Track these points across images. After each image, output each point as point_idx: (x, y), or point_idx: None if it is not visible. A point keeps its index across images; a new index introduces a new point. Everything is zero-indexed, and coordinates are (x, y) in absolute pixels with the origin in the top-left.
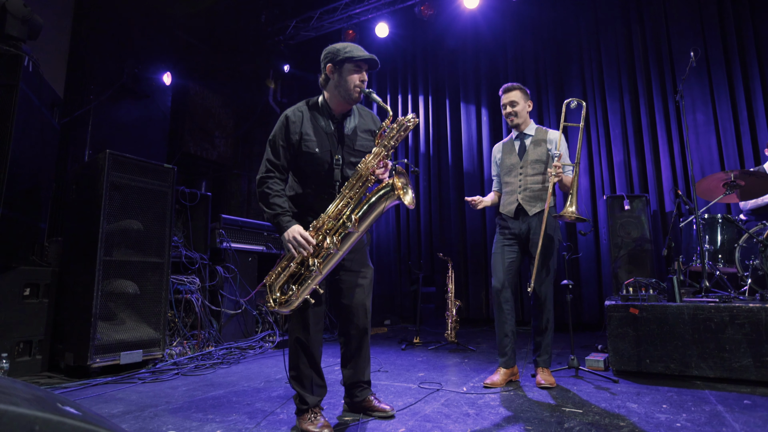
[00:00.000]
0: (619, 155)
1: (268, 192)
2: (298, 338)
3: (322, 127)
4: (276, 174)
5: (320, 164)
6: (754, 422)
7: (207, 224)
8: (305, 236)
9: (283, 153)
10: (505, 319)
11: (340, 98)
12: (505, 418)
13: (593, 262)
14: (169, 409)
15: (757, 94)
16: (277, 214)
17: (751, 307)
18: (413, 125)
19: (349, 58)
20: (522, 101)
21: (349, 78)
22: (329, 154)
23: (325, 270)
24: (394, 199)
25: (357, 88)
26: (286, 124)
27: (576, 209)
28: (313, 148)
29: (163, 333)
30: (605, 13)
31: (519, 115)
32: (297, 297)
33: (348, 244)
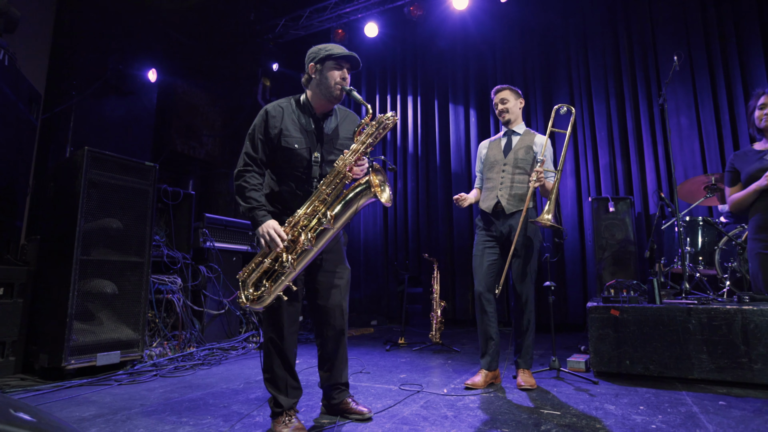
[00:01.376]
0: (605, 157)
1: (245, 185)
2: (272, 339)
3: (303, 124)
4: (254, 168)
5: (299, 161)
6: (728, 423)
7: (190, 223)
8: (279, 231)
9: (261, 147)
10: (487, 321)
11: (322, 96)
12: (483, 420)
13: (578, 264)
14: (142, 411)
15: (739, 98)
16: (253, 207)
17: (728, 308)
18: (393, 123)
19: (329, 56)
20: (513, 99)
21: (330, 75)
22: (308, 151)
23: (299, 267)
24: (371, 196)
25: (338, 85)
26: (266, 118)
27: (552, 216)
28: (293, 143)
29: (143, 333)
30: (593, 17)
31: (510, 111)
32: (270, 294)
33: (323, 240)
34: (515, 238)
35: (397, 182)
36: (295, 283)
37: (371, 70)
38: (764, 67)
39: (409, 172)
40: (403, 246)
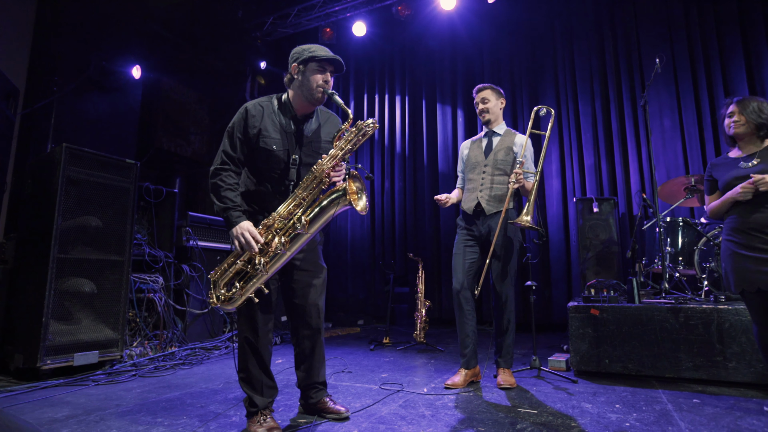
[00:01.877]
0: (590, 158)
1: (221, 184)
2: (247, 338)
3: (282, 125)
4: (230, 167)
5: (276, 162)
6: (699, 420)
7: (173, 222)
8: (253, 234)
9: (240, 146)
10: (465, 320)
11: (303, 98)
12: (460, 419)
13: (563, 264)
14: (117, 412)
15: (720, 101)
16: (227, 207)
17: (704, 308)
18: (373, 130)
19: (313, 58)
20: (494, 99)
21: (312, 78)
22: (286, 153)
23: (272, 270)
24: (346, 204)
25: (320, 88)
26: (245, 117)
27: (531, 218)
28: (271, 145)
29: (122, 333)
30: (578, 19)
31: (491, 111)
32: (241, 295)
33: (297, 245)
34: (494, 239)
35: (385, 182)
36: (267, 286)
37: (359, 69)
38: (744, 72)
39: (397, 171)
40: (390, 245)
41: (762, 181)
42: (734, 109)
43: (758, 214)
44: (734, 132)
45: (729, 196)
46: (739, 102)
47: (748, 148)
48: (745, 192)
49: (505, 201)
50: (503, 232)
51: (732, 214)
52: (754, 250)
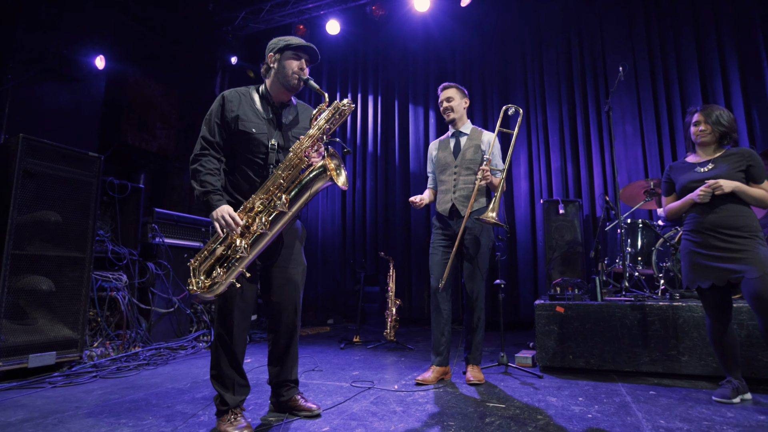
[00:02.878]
0: (556, 161)
1: (200, 169)
2: (221, 336)
3: (260, 111)
4: (210, 152)
5: (256, 146)
6: (655, 411)
7: (138, 218)
8: (234, 216)
9: (218, 131)
10: (442, 319)
11: (280, 85)
12: (431, 414)
13: (530, 263)
14: (77, 414)
15: (677, 109)
16: (208, 191)
17: (661, 305)
18: (349, 110)
19: (288, 46)
20: (458, 98)
21: (287, 64)
22: (266, 137)
23: (254, 252)
24: (327, 180)
25: (295, 74)
26: (223, 103)
27: (496, 214)
28: (250, 128)
29: (82, 333)
30: (547, 26)
31: (455, 110)
32: (223, 281)
33: (279, 225)
34: (459, 235)
35: (356, 181)
36: (248, 270)
37: (332, 67)
38: (699, 83)
39: (368, 171)
40: (361, 244)
41: (717, 186)
42: (700, 118)
43: (713, 215)
44: (701, 141)
45: (688, 199)
46: (703, 111)
47: (706, 154)
48: (704, 195)
49: (471, 198)
50: (473, 230)
51: (690, 216)
52: (709, 248)
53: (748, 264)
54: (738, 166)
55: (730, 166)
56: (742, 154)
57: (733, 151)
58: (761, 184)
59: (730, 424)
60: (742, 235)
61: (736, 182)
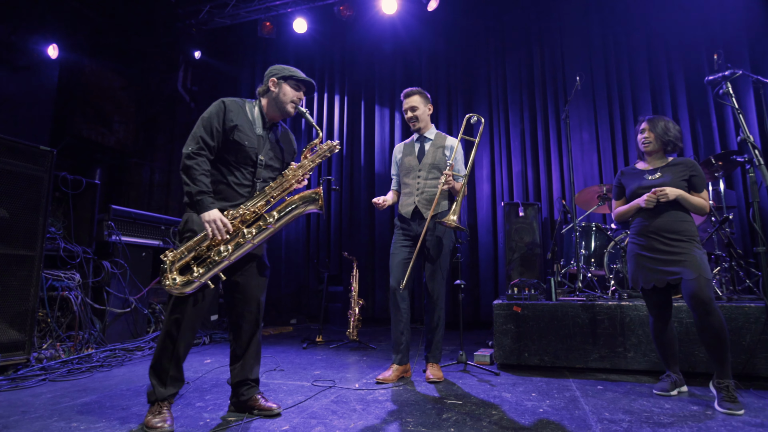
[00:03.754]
0: (517, 165)
1: (196, 168)
2: (170, 330)
3: (254, 126)
4: (206, 153)
5: (245, 158)
6: (601, 404)
7: (93, 215)
8: (225, 222)
9: (216, 135)
10: (400, 318)
11: (276, 109)
12: (390, 411)
13: (491, 264)
14: (24, 419)
15: (629, 119)
16: (202, 191)
17: (610, 305)
18: (337, 150)
19: (292, 77)
20: (422, 105)
21: (288, 92)
22: (254, 153)
23: (234, 257)
24: (316, 207)
25: (293, 103)
26: (225, 110)
27: (457, 218)
28: (244, 140)
29: (30, 334)
30: (511, 34)
31: (420, 119)
32: (200, 280)
33: (261, 237)
34: (422, 235)
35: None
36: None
37: (299, 66)
38: (649, 95)
39: (334, 171)
40: (325, 244)
41: (662, 193)
42: (645, 126)
43: (657, 220)
44: (645, 149)
45: (635, 203)
46: (650, 120)
47: (654, 162)
48: (650, 201)
49: (434, 202)
50: (435, 232)
51: (636, 220)
52: (653, 251)
53: (686, 267)
54: (682, 176)
55: (675, 176)
56: (686, 165)
57: (679, 161)
58: (701, 193)
59: (667, 414)
60: (681, 239)
61: (680, 190)
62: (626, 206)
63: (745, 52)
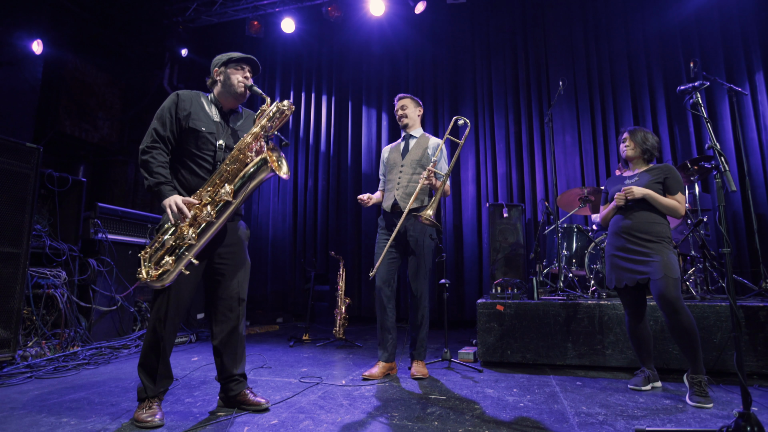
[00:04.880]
0: (502, 167)
1: (152, 161)
2: (155, 328)
3: (210, 113)
4: (160, 145)
5: (204, 144)
6: (579, 399)
7: (79, 213)
8: (186, 202)
9: (170, 125)
10: (386, 315)
11: (227, 94)
12: (376, 406)
13: (476, 264)
14: (13, 415)
15: (610, 123)
16: (160, 182)
17: (590, 304)
18: (290, 111)
19: (230, 59)
20: (412, 107)
21: (232, 75)
22: (214, 137)
23: (202, 240)
24: (269, 171)
25: (241, 83)
26: (177, 101)
27: (432, 213)
28: (200, 126)
29: (16, 332)
30: (497, 37)
31: (409, 116)
32: (173, 269)
33: (225, 214)
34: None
35: (308, 180)
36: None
37: (287, 66)
38: (630, 100)
39: (321, 170)
40: (312, 243)
41: (629, 191)
42: (626, 136)
43: (630, 221)
44: (626, 154)
45: (612, 205)
46: (630, 131)
47: (635, 168)
48: (619, 198)
49: (413, 196)
50: (418, 232)
51: (612, 220)
52: (624, 250)
53: (654, 267)
54: (657, 178)
55: (651, 178)
56: (662, 168)
57: (656, 166)
58: (675, 195)
59: (640, 408)
60: (651, 239)
61: (648, 190)
62: (607, 209)
63: (721, 59)
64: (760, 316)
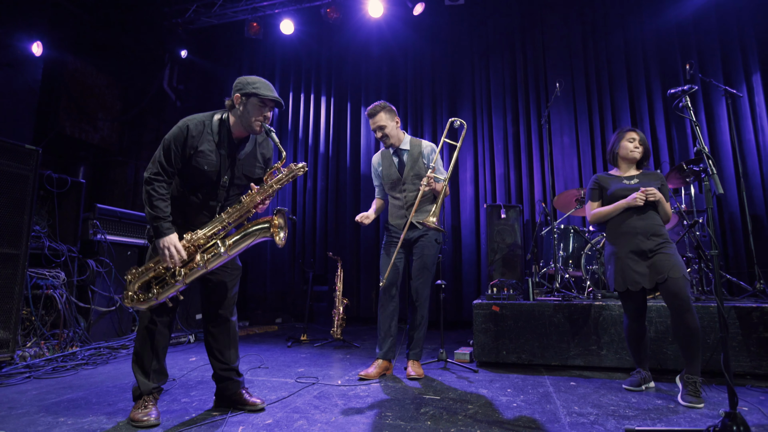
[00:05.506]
0: (500, 168)
1: (153, 194)
2: (148, 326)
3: (219, 146)
4: (163, 177)
5: (207, 181)
6: (572, 399)
7: (78, 214)
8: (179, 249)
9: (174, 159)
10: (389, 316)
11: (242, 126)
12: (370, 405)
13: (474, 265)
14: (11, 415)
15: (608, 124)
16: (158, 217)
17: (585, 304)
18: (302, 173)
19: (255, 94)
20: (389, 121)
21: (253, 111)
22: (217, 174)
23: (188, 281)
24: (268, 235)
25: (258, 122)
26: (186, 135)
27: (437, 220)
28: (203, 165)
29: (15, 333)
30: (495, 38)
31: (390, 135)
32: (156, 299)
33: (215, 263)
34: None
35: (307, 181)
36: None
37: (286, 67)
38: (628, 101)
39: (320, 171)
40: (311, 244)
41: (652, 193)
42: (637, 137)
43: (643, 222)
44: (633, 156)
45: (621, 203)
46: (639, 132)
47: (628, 170)
48: (640, 199)
49: (415, 203)
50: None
51: (615, 221)
52: (639, 253)
53: (671, 267)
54: (656, 184)
55: (654, 183)
56: (657, 176)
57: (650, 172)
58: (667, 202)
59: (632, 408)
60: (663, 240)
61: (662, 195)
62: (610, 207)
63: (719, 61)
64: (753, 317)
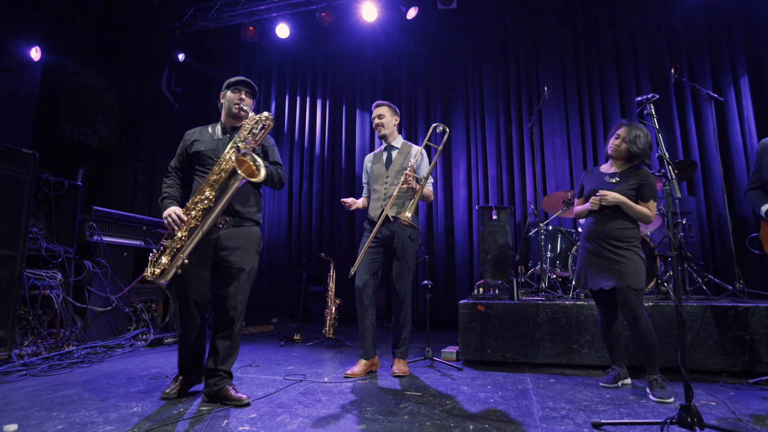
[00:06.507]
0: (493, 170)
1: (165, 181)
2: (181, 322)
3: (213, 134)
4: (173, 174)
5: (204, 161)
6: (548, 395)
7: (75, 216)
8: (178, 213)
9: (179, 159)
10: (365, 314)
11: (228, 115)
12: (352, 401)
13: (467, 265)
14: (6, 410)
15: (598, 126)
16: (163, 197)
17: (567, 304)
18: (269, 122)
19: (228, 84)
20: (389, 115)
21: (229, 98)
22: (213, 153)
23: (191, 242)
24: (241, 178)
25: (236, 104)
26: (184, 139)
27: (411, 216)
28: (200, 147)
29: (12, 332)
30: (487, 42)
31: (386, 126)
32: (169, 268)
33: (211, 217)
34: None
35: (303, 183)
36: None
37: (282, 70)
38: (618, 103)
39: (315, 173)
40: (306, 245)
41: (604, 197)
42: (621, 133)
43: (604, 226)
44: (611, 153)
45: (587, 206)
46: (628, 127)
47: (617, 166)
48: (594, 203)
49: (391, 199)
50: (400, 233)
51: (587, 221)
52: (597, 256)
53: (620, 276)
54: (632, 185)
55: (627, 183)
56: (639, 174)
57: (636, 170)
58: (647, 203)
59: (605, 403)
60: (622, 246)
61: (622, 197)
62: (582, 206)
63: (707, 64)
64: (729, 316)
